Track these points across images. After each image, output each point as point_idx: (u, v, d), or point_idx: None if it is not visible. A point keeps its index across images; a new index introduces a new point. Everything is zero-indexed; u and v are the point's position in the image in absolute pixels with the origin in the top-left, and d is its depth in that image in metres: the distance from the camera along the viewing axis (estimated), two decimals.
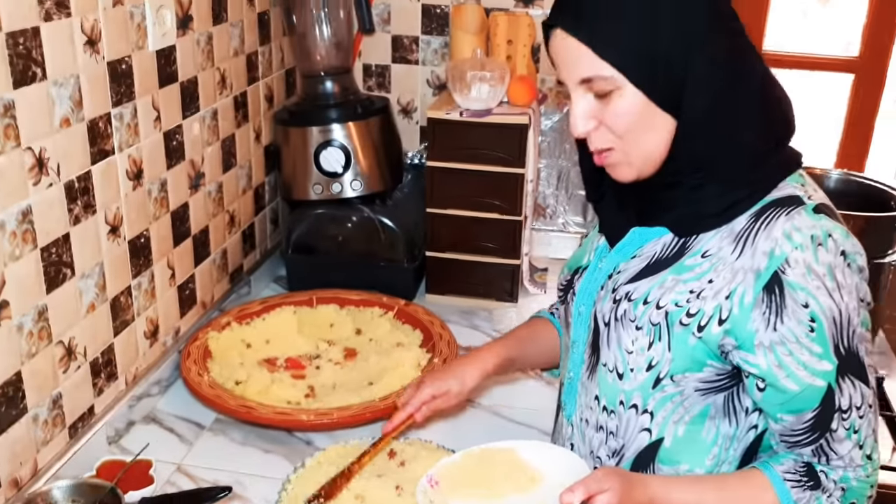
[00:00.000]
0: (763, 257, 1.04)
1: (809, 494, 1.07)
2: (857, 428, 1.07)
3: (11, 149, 1.20)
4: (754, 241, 1.06)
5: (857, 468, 1.08)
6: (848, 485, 1.08)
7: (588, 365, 1.22)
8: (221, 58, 1.80)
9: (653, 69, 1.02)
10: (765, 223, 1.06)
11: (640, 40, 1.02)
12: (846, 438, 1.07)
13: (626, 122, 1.06)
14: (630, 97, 1.04)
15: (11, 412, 1.26)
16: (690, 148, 1.06)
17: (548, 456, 1.20)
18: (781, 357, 1.04)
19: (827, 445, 1.07)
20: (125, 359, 1.55)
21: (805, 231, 1.03)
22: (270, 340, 1.78)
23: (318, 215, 2.02)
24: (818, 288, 1.02)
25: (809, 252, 1.03)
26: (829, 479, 1.08)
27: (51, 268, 1.31)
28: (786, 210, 1.06)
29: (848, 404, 1.06)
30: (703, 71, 1.02)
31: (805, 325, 1.03)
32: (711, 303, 1.07)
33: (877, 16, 2.20)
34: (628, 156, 1.10)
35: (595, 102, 1.07)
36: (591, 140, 1.11)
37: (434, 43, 2.28)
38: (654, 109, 1.05)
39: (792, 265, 1.02)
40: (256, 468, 1.46)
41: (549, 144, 2.30)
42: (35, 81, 1.23)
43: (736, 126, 1.05)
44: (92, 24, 1.35)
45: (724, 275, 1.07)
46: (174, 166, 1.64)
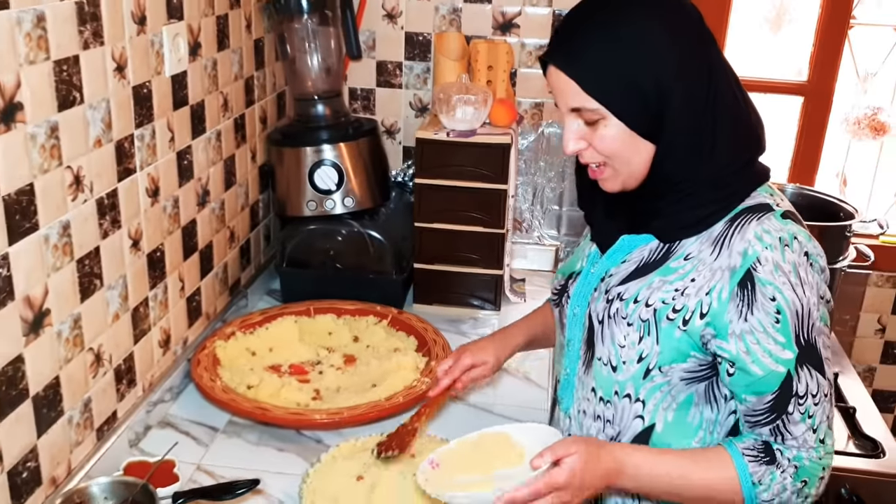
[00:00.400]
0: (738, 256, 1.18)
1: (765, 468, 1.18)
2: (812, 413, 1.18)
3: (55, 167, 1.29)
4: (730, 243, 1.19)
5: (809, 449, 1.19)
6: (801, 463, 1.19)
7: (584, 360, 1.35)
8: (224, 82, 1.90)
9: (633, 104, 1.17)
10: (739, 227, 1.20)
11: (621, 79, 1.16)
12: (801, 421, 1.18)
13: (610, 146, 1.20)
14: (614, 126, 1.18)
15: (51, 414, 1.35)
16: (669, 168, 1.20)
17: (535, 435, 1.30)
18: (749, 344, 1.17)
19: (783, 426, 1.19)
20: (143, 366, 1.64)
21: (774, 233, 1.17)
22: (274, 348, 1.88)
23: (310, 231, 2.12)
24: (784, 284, 1.15)
25: (778, 252, 1.16)
26: (783, 456, 1.19)
27: (84, 279, 1.40)
28: (757, 216, 1.20)
29: (804, 391, 1.17)
30: (678, 106, 1.16)
31: (772, 317, 1.16)
32: (694, 299, 1.20)
33: (822, 45, 2.39)
34: (616, 172, 1.24)
35: (584, 127, 1.21)
36: (582, 156, 1.26)
37: (416, 68, 2.41)
38: (635, 137, 1.19)
39: (762, 263, 1.16)
40: (273, 465, 1.55)
41: (526, 162, 2.44)
42: (75, 105, 1.33)
43: (711, 150, 1.19)
44: (120, 51, 1.45)
45: (704, 274, 1.20)
46: (185, 184, 1.74)
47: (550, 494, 1.14)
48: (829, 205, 2.26)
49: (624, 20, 1.17)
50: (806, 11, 2.46)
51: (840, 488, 1.88)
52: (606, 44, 1.16)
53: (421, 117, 2.45)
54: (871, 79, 2.52)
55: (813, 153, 2.48)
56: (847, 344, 2.62)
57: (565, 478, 1.14)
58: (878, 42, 2.52)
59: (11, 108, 1.18)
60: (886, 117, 2.50)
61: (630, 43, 1.15)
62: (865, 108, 2.51)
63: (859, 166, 2.66)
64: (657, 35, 1.16)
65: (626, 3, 1.18)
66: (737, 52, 2.46)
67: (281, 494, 1.48)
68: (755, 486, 1.18)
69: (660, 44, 1.15)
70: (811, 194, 2.31)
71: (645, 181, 1.24)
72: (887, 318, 2.62)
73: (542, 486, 1.14)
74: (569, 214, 2.49)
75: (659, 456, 1.23)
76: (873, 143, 2.57)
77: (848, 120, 2.52)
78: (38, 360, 1.30)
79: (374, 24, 2.37)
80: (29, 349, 1.27)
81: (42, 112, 1.25)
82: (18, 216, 1.22)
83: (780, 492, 1.19)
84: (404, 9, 2.35)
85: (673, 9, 1.19)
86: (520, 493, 1.14)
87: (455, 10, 2.34)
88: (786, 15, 2.54)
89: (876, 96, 2.54)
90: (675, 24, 1.17)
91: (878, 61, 2.53)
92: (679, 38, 1.17)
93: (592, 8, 1.20)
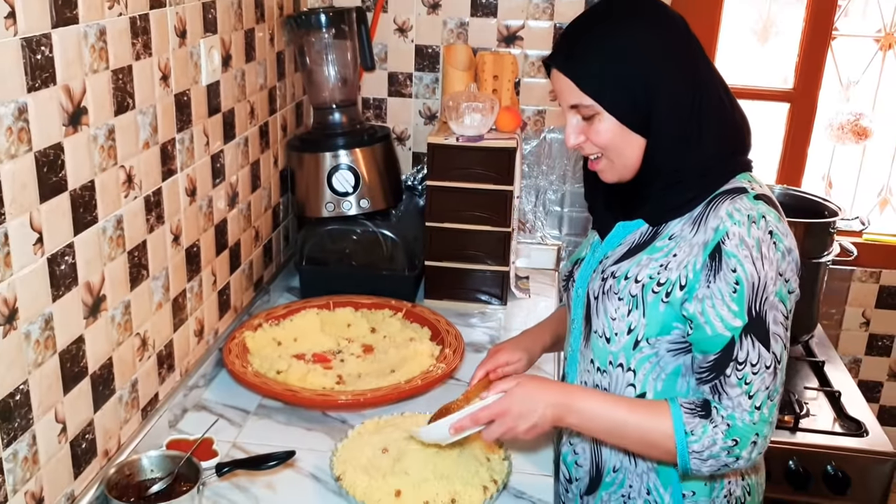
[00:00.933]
0: (711, 232, 1.30)
1: (698, 421, 1.29)
2: (749, 381, 1.28)
3: (111, 166, 1.43)
4: (706, 220, 1.32)
5: (743, 412, 1.28)
6: (733, 423, 1.28)
7: (584, 334, 1.49)
8: (251, 91, 2.05)
9: (623, 101, 1.32)
10: (713, 207, 1.32)
11: (613, 79, 1.31)
12: (737, 385, 1.28)
13: (605, 139, 1.35)
14: (607, 121, 1.34)
15: (105, 392, 1.48)
16: (658, 160, 1.35)
17: None
18: (706, 308, 1.29)
19: (720, 386, 1.29)
20: (180, 353, 1.77)
21: (743, 211, 1.30)
22: (298, 339, 2.02)
23: (328, 231, 2.26)
24: (746, 257, 1.27)
25: (744, 227, 1.28)
26: (718, 414, 1.29)
27: (134, 269, 1.54)
28: (731, 197, 1.32)
29: (744, 358, 1.28)
30: (665, 104, 1.31)
31: (730, 286, 1.27)
32: (675, 273, 1.33)
33: (807, 55, 2.55)
34: (612, 163, 1.39)
35: (583, 122, 1.37)
36: (582, 149, 1.41)
37: (426, 79, 2.56)
38: (626, 131, 1.34)
39: (730, 237, 1.28)
40: (303, 443, 1.68)
41: (529, 166, 2.59)
42: (128, 110, 1.47)
43: (697, 143, 1.33)
44: (165, 62, 1.59)
45: (684, 249, 1.33)
46: (217, 186, 1.88)
47: (496, 421, 1.33)
48: (814, 204, 2.41)
49: (618, 30, 1.32)
50: (791, 24, 2.61)
51: (826, 465, 2.02)
52: (602, 50, 1.31)
53: (429, 125, 2.59)
54: (854, 86, 2.67)
55: (799, 156, 2.64)
56: (833, 337, 2.76)
57: (507, 403, 1.33)
58: (860, 52, 2.67)
59: (78, 112, 1.32)
60: (868, 123, 2.64)
61: (622, 49, 1.31)
62: (848, 114, 2.66)
63: (844, 169, 2.80)
64: (646, 41, 1.31)
65: (621, 15, 1.34)
66: (727, 61, 2.61)
67: (311, 468, 1.61)
68: (686, 434, 1.29)
69: (648, 50, 1.31)
70: (797, 194, 2.46)
71: (638, 173, 1.38)
72: (871, 312, 2.77)
73: (486, 411, 1.33)
74: (570, 215, 2.63)
75: (606, 399, 1.37)
76: (856, 147, 2.72)
77: (832, 125, 2.67)
78: (96, 341, 1.43)
79: (387, 38, 2.53)
80: (88, 331, 1.40)
81: (102, 116, 1.39)
82: (82, 209, 1.35)
83: (709, 445, 1.29)
84: (415, 23, 2.51)
85: (661, 19, 1.34)
86: (467, 419, 1.34)
87: (462, 24, 2.50)
88: (772, 27, 2.68)
89: (858, 103, 2.69)
90: (665, 32, 1.33)
91: (859, 70, 2.68)
92: (668, 46, 1.32)
93: (591, 20, 1.36)
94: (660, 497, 1.45)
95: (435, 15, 2.50)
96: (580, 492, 1.56)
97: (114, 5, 1.39)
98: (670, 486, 1.44)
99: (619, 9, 1.35)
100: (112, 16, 1.39)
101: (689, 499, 1.44)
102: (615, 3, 1.37)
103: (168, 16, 1.59)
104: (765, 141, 2.62)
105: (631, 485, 1.47)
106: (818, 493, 2.03)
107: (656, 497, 1.45)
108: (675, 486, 1.44)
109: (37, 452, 1.29)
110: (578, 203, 2.61)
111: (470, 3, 2.48)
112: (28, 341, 1.24)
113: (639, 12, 1.34)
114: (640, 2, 1.36)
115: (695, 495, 1.43)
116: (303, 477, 1.59)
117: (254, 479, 1.57)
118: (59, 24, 1.25)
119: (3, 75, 1.14)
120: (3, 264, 1.17)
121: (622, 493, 1.49)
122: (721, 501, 1.45)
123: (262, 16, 2.09)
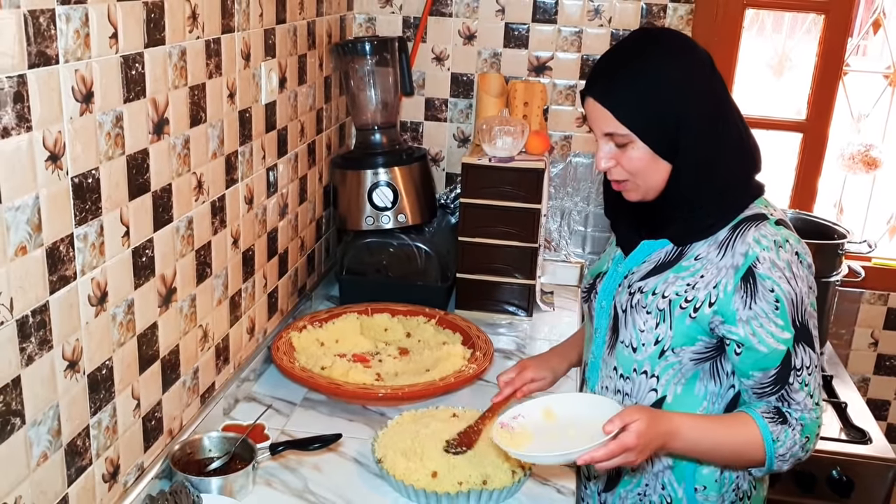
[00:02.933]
0: (740, 257, 1.43)
1: (780, 428, 1.42)
2: (808, 382, 1.43)
3: (185, 172, 1.61)
4: (733, 246, 1.45)
5: (809, 411, 1.44)
6: (805, 422, 1.43)
7: (609, 344, 1.61)
8: (302, 112, 2.23)
9: (655, 131, 1.44)
10: (740, 233, 1.46)
11: (648, 111, 1.42)
12: (800, 389, 1.43)
13: (636, 165, 1.47)
14: (641, 149, 1.45)
15: (172, 376, 1.64)
16: (684, 184, 1.47)
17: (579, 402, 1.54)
18: (755, 328, 1.42)
19: (787, 394, 1.43)
20: (235, 347, 1.93)
21: (769, 237, 1.43)
22: (339, 340, 2.18)
23: (367, 243, 2.43)
24: (780, 278, 1.41)
25: (773, 252, 1.42)
26: (792, 417, 1.43)
27: (200, 266, 1.71)
28: (755, 223, 1.46)
29: (801, 364, 1.42)
30: (692, 133, 1.43)
31: (772, 305, 1.41)
32: (703, 292, 1.46)
33: (819, 88, 2.69)
34: (637, 186, 1.51)
35: (615, 149, 1.48)
36: (610, 174, 1.53)
37: (460, 104, 2.74)
38: (656, 157, 1.46)
39: (761, 261, 1.42)
40: (346, 431, 1.81)
41: (555, 188, 2.75)
42: (201, 123, 1.65)
43: (718, 170, 1.46)
44: (232, 81, 1.77)
45: (711, 271, 1.46)
46: (271, 196, 2.06)
47: (622, 454, 1.34)
48: (825, 227, 2.56)
49: (651, 65, 1.42)
50: (805, 59, 2.77)
51: (832, 470, 2.15)
52: (637, 82, 1.42)
53: (462, 147, 2.77)
54: (864, 119, 2.82)
55: (811, 183, 2.78)
56: (843, 356, 2.88)
57: (633, 440, 1.33)
58: (871, 87, 2.83)
59: (161, 123, 1.49)
60: (878, 153, 2.79)
61: (656, 83, 1.42)
62: (859, 144, 2.80)
63: (855, 197, 2.94)
64: (678, 77, 1.42)
65: (653, 50, 1.44)
66: (743, 93, 2.77)
67: (354, 453, 1.76)
68: (774, 442, 1.42)
69: (680, 84, 1.42)
70: (809, 219, 2.61)
71: (662, 194, 1.51)
72: (879, 333, 2.89)
73: (616, 446, 1.33)
74: (593, 235, 2.78)
75: (700, 421, 1.46)
76: (867, 177, 2.86)
77: (843, 155, 2.81)
78: (167, 328, 1.59)
79: (425, 66, 2.72)
80: (161, 318, 1.57)
81: (180, 127, 1.56)
82: (161, 209, 1.52)
83: (791, 446, 1.42)
84: (451, 53, 2.70)
85: (690, 55, 1.46)
86: (598, 452, 1.33)
87: (496, 55, 2.68)
88: (787, 62, 2.85)
89: (868, 135, 2.83)
90: (692, 67, 1.44)
91: (870, 104, 2.83)
92: (695, 79, 1.44)
93: (626, 54, 1.46)
94: (674, 491, 1.57)
95: (470, 45, 2.69)
96: (598, 489, 1.68)
97: (193, 29, 1.57)
98: (684, 481, 1.56)
99: (650, 44, 1.46)
100: (191, 38, 1.57)
101: (700, 493, 1.56)
102: (647, 39, 1.48)
103: (236, 40, 1.77)
104: (778, 169, 2.77)
105: (647, 483, 1.59)
106: (823, 496, 2.16)
107: (670, 492, 1.57)
108: (688, 482, 1.56)
109: (116, 423, 1.45)
110: (601, 224, 2.76)
111: (503, 35, 2.67)
112: (114, 323, 1.41)
113: (671, 48, 1.45)
114: (671, 38, 1.49)
115: (706, 489, 1.56)
116: (346, 461, 1.74)
117: (302, 461, 1.72)
118: (149, 45, 1.43)
119: (106, 87, 1.31)
120: (98, 252, 1.34)
121: (639, 491, 1.61)
122: (730, 495, 1.57)
123: (314, 43, 2.28)
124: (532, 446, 1.47)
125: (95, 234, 1.32)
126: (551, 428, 1.50)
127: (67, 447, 1.31)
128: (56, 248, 1.23)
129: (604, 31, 2.62)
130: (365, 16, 2.72)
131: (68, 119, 1.22)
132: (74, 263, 1.28)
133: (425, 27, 2.69)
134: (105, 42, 1.29)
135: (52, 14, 1.16)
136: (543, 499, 1.65)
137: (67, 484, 1.32)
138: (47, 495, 1.27)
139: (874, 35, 2.79)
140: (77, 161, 1.26)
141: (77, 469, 1.34)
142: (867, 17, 2.80)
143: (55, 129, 1.19)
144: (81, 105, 1.25)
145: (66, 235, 1.25)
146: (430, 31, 2.70)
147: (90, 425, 1.37)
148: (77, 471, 1.34)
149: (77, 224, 1.27)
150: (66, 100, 1.21)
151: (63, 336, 1.27)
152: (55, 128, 1.19)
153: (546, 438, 1.47)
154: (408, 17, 2.70)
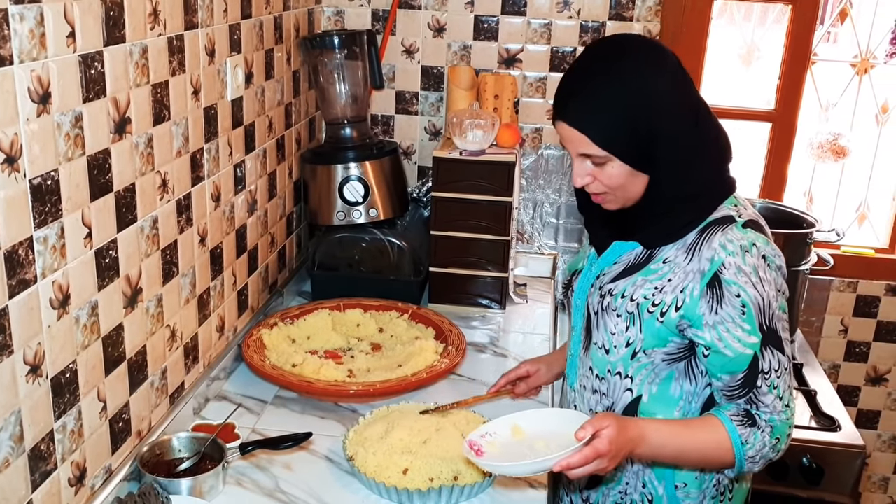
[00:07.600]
0: (706, 262, 1.43)
1: (749, 430, 1.43)
2: (776, 385, 1.43)
3: (150, 171, 1.59)
4: (700, 250, 1.44)
5: (779, 413, 1.44)
6: (774, 424, 1.43)
7: (584, 344, 1.62)
8: (270, 107, 2.21)
9: (632, 147, 1.42)
10: (707, 237, 1.45)
11: (623, 130, 1.40)
12: (769, 392, 1.43)
13: (615, 181, 1.46)
14: (618, 166, 1.44)
15: (139, 377, 1.62)
16: (658, 192, 1.47)
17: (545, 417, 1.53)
18: (721, 333, 1.41)
19: (755, 397, 1.43)
20: (204, 346, 1.92)
21: (736, 242, 1.42)
22: (311, 337, 2.17)
23: (338, 238, 2.42)
24: (746, 283, 1.39)
25: (739, 257, 1.41)
26: (761, 419, 1.43)
27: (166, 266, 1.69)
28: (722, 227, 1.44)
29: (769, 367, 1.42)
30: (668, 141, 1.42)
31: (738, 310, 1.40)
32: (670, 296, 1.46)
33: (787, 78, 2.71)
34: (616, 198, 1.50)
35: (591, 166, 1.47)
36: (588, 187, 1.51)
37: (431, 97, 2.73)
38: (634, 171, 1.45)
39: (727, 267, 1.41)
40: (317, 429, 1.81)
41: (527, 180, 2.75)
42: (164, 121, 1.63)
43: (695, 173, 1.45)
44: (196, 78, 1.75)
45: (679, 275, 1.46)
46: (239, 193, 2.04)
47: (595, 461, 1.33)
48: (794, 217, 2.57)
49: (622, 81, 1.39)
50: (773, 49, 2.79)
51: (802, 458, 2.17)
52: (609, 104, 1.39)
53: (434, 140, 2.76)
54: (832, 108, 2.84)
55: (780, 173, 2.79)
56: (814, 343, 2.91)
57: (605, 445, 1.33)
58: (839, 76, 2.84)
59: (123, 122, 1.47)
60: (846, 142, 2.80)
61: (629, 100, 1.39)
62: (827, 133, 2.82)
63: (825, 186, 2.96)
64: (649, 91, 1.39)
65: (621, 67, 1.40)
66: (713, 83, 2.78)
67: (326, 451, 1.76)
68: (743, 445, 1.42)
69: (652, 97, 1.39)
70: (778, 208, 2.62)
71: (639, 201, 1.50)
72: (849, 320, 2.92)
73: (590, 451, 1.32)
74: (565, 226, 2.79)
75: (666, 425, 1.46)
76: (836, 165, 2.88)
77: (812, 144, 2.83)
78: (133, 329, 1.58)
79: (395, 59, 2.70)
80: (127, 319, 1.55)
81: (143, 126, 1.54)
82: (124, 209, 1.51)
83: (760, 448, 1.43)
84: (421, 46, 2.68)
85: (658, 64, 1.42)
86: (573, 458, 1.32)
87: (466, 47, 2.67)
88: (755, 52, 2.86)
89: (837, 123, 2.85)
90: (662, 77, 1.40)
91: (837, 93, 2.85)
92: (666, 89, 1.40)
93: (590, 71, 1.42)
94: (654, 489, 1.58)
95: (440, 38, 2.67)
96: (581, 486, 1.68)
97: (154, 26, 1.55)
98: (664, 479, 1.57)
99: (617, 59, 1.42)
100: (153, 36, 1.55)
101: (681, 490, 1.57)
102: (612, 53, 1.44)
103: (199, 36, 1.75)
104: (748, 158, 2.78)
105: (628, 481, 1.60)
106: (795, 484, 2.18)
107: (651, 490, 1.58)
108: (668, 480, 1.57)
109: (82, 426, 1.43)
110: (574, 215, 2.76)
111: (473, 28, 2.66)
112: (78, 325, 1.39)
113: (638, 59, 1.41)
114: (637, 48, 1.44)
115: (686, 486, 1.56)
116: (318, 459, 1.73)
117: (273, 460, 1.71)
118: (109, 43, 1.40)
119: (64, 87, 1.29)
120: (60, 255, 1.32)
121: (619, 489, 1.62)
122: (710, 490, 1.58)
123: (281, 37, 2.26)
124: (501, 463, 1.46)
125: (56, 236, 1.30)
126: (520, 444, 1.48)
127: (31, 452, 1.29)
128: (14, 251, 1.21)
129: (573, 24, 2.62)
130: (333, 9, 2.70)
131: (24, 120, 1.20)
132: (34, 267, 1.26)
133: (394, 20, 2.68)
134: (62, 41, 1.27)
135: (6, 14, 1.14)
136: (515, 493, 1.65)
137: (32, 489, 1.30)
138: (10, 501, 1.25)
139: (841, 24, 2.80)
140: (35, 163, 1.24)
141: (42, 474, 1.33)
142: (836, 6, 2.81)
143: (11, 130, 1.17)
144: (38, 106, 1.23)
145: (25, 238, 1.23)
146: (400, 23, 2.69)
147: (54, 429, 1.35)
148: (42, 476, 1.33)
149: (36, 227, 1.25)
150: (22, 101, 1.19)
151: (24, 340, 1.25)
152: (11, 130, 1.17)
153: (515, 455, 1.45)
154: (377, 10, 2.68)
